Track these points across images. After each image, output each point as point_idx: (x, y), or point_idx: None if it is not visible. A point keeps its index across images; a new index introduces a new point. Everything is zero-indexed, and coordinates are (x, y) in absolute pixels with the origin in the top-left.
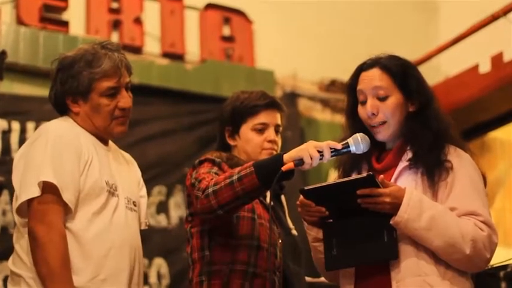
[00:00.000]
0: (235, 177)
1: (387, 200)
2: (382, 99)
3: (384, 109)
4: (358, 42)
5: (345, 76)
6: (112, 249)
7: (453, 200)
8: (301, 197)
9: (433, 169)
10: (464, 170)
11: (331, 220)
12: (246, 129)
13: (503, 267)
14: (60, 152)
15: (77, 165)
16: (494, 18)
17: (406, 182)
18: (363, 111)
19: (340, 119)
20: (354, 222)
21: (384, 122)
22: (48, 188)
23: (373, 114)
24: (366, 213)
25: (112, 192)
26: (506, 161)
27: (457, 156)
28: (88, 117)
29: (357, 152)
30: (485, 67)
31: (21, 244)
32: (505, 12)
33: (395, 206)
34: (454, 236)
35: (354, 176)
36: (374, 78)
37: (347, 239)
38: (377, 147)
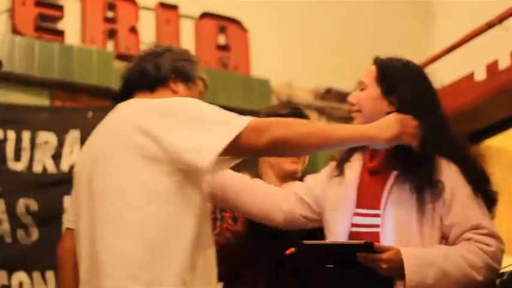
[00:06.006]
0: None
1: (384, 266)
2: (361, 90)
3: (358, 99)
4: (353, 51)
5: (340, 84)
6: None
7: (454, 216)
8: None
9: (423, 189)
10: (460, 184)
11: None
12: None
13: (500, 275)
14: None
15: None
16: (489, 26)
17: (398, 198)
18: None
19: None
20: (352, 274)
21: (359, 111)
22: None
23: (352, 104)
24: (364, 267)
25: None
26: (501, 168)
27: (451, 172)
28: None
29: None
30: (480, 75)
31: None
32: (500, 20)
33: (394, 270)
34: (465, 273)
35: (352, 242)
36: (365, 74)
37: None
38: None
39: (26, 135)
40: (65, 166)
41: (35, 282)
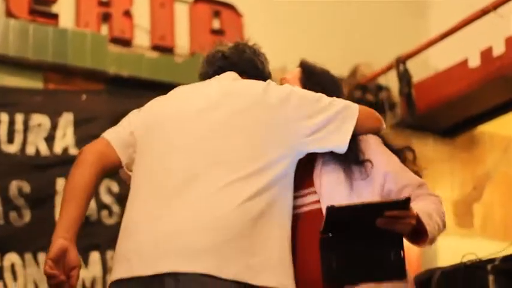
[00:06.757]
0: None
1: (413, 222)
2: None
3: None
4: (348, 37)
5: (334, 70)
6: None
7: (403, 179)
8: None
9: (351, 167)
10: (390, 153)
11: (328, 235)
12: None
13: (491, 261)
14: None
15: None
16: (484, 12)
17: (330, 177)
18: None
19: None
20: (358, 239)
21: None
22: None
23: None
24: (371, 231)
25: None
26: (494, 155)
27: (381, 145)
28: None
29: None
30: (474, 62)
31: None
32: (494, 6)
33: (413, 226)
34: (443, 220)
35: (391, 199)
36: (288, 73)
37: (350, 254)
38: None
39: (19, 118)
40: (58, 149)
41: (27, 263)
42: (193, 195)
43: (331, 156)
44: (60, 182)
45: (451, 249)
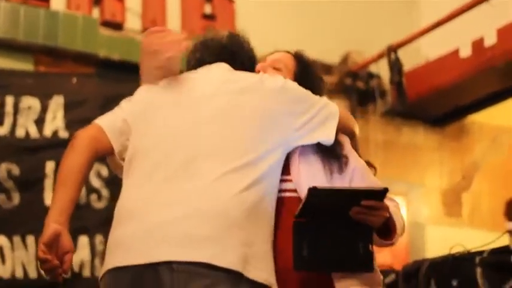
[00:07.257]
0: None
1: (386, 214)
2: (275, 69)
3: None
4: (340, 24)
5: (325, 57)
6: None
7: (368, 179)
8: None
9: (330, 160)
10: (357, 154)
11: (302, 219)
12: None
13: (480, 253)
14: None
15: None
16: (476, 3)
17: (309, 168)
18: None
19: None
20: (329, 228)
21: None
22: None
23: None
24: (343, 222)
25: None
26: (483, 144)
27: (350, 145)
28: None
29: None
30: (465, 51)
31: None
32: None
33: (384, 219)
34: (404, 224)
35: (371, 187)
36: (281, 56)
37: (321, 243)
38: None
39: (9, 100)
40: (47, 131)
41: (15, 246)
42: (189, 184)
43: (310, 148)
44: (49, 165)
45: (439, 239)
